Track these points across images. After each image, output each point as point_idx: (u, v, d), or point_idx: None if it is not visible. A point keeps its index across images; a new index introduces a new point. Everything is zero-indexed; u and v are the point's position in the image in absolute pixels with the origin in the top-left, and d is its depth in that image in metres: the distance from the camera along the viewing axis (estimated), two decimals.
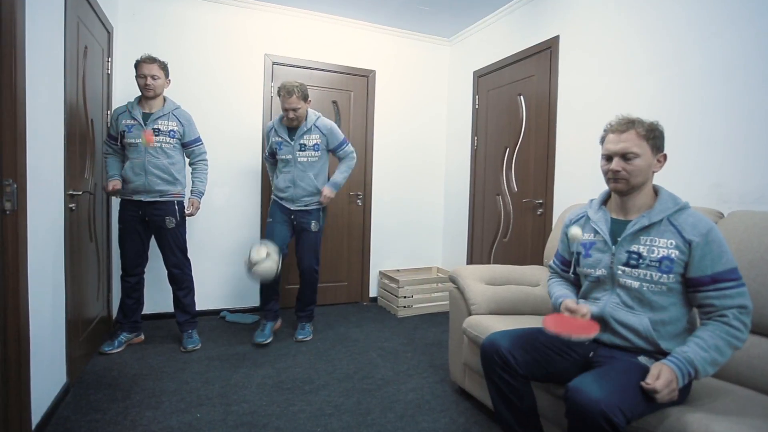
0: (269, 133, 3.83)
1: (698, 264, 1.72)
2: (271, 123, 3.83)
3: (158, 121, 3.45)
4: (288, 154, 3.72)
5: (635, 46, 3.14)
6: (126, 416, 2.62)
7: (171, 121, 3.50)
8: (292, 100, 3.55)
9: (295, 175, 3.73)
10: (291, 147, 3.71)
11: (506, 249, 4.51)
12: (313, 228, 3.81)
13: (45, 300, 2.47)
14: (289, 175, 3.74)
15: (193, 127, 3.65)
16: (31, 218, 2.21)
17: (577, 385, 1.62)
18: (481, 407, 2.83)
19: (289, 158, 3.73)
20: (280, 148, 3.74)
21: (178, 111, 3.57)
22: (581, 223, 2.11)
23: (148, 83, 3.38)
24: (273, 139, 3.78)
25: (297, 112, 3.61)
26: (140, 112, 3.43)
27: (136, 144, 3.39)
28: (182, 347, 3.63)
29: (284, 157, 3.74)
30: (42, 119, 2.42)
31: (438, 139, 5.60)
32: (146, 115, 3.43)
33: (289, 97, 3.55)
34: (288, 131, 3.74)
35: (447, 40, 5.49)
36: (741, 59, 2.50)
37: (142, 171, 3.41)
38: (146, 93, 3.42)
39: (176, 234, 3.57)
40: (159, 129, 3.44)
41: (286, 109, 3.60)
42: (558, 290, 2.18)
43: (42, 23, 2.41)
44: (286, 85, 3.56)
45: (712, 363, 1.64)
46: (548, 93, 3.90)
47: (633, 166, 1.84)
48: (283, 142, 3.72)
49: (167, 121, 3.48)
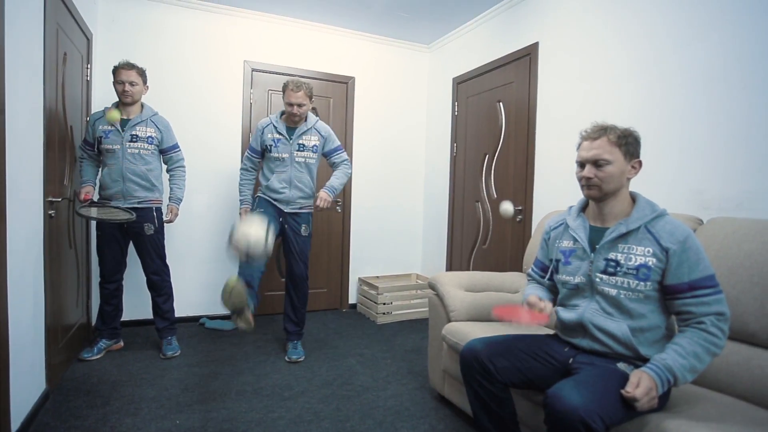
0: (264, 129, 3.64)
1: (675, 271, 1.72)
2: (268, 119, 3.68)
3: (136, 128, 3.42)
4: (285, 152, 3.59)
5: (615, 52, 3.17)
6: (105, 423, 2.60)
7: (149, 128, 3.48)
8: (300, 95, 3.48)
9: (291, 175, 3.61)
10: (288, 146, 3.59)
11: (485, 255, 4.52)
12: (304, 232, 3.69)
13: (24, 306, 2.47)
14: (285, 175, 3.61)
15: (171, 133, 3.62)
16: (10, 225, 2.20)
17: (556, 392, 1.61)
18: (460, 414, 2.82)
19: (285, 157, 3.60)
20: (276, 146, 3.59)
21: (155, 117, 3.54)
22: (560, 231, 2.12)
23: (126, 89, 3.36)
24: (268, 136, 3.61)
25: (302, 108, 3.52)
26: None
27: (114, 150, 3.36)
28: (162, 354, 3.59)
29: (280, 155, 3.60)
30: (21, 126, 2.41)
31: (417, 146, 5.61)
32: (124, 121, 3.40)
33: (297, 91, 3.47)
34: (286, 129, 3.64)
35: (426, 47, 5.51)
36: (721, 65, 2.53)
37: (120, 177, 3.38)
38: (124, 99, 3.39)
39: (155, 240, 3.54)
40: (137, 135, 3.42)
41: (291, 104, 3.49)
42: (529, 290, 2.21)
43: (21, 30, 2.40)
44: (295, 80, 3.50)
45: (690, 370, 1.64)
46: (527, 99, 3.93)
47: (604, 173, 1.85)
48: (282, 139, 3.59)
49: (145, 128, 3.46)
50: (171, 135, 3.62)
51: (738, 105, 2.45)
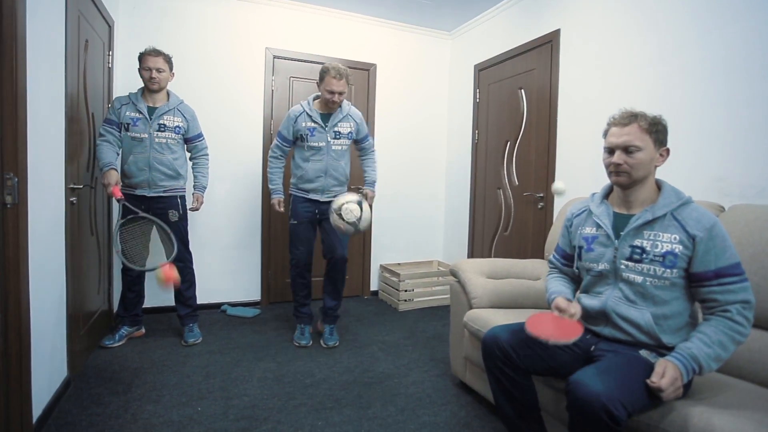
0: (297, 118, 3.53)
1: (702, 259, 1.71)
2: (300, 107, 3.57)
3: (164, 117, 3.44)
4: (321, 141, 3.53)
5: (636, 39, 3.13)
6: (127, 410, 2.61)
7: (176, 117, 3.50)
8: (342, 83, 3.41)
9: (327, 163, 3.56)
10: (325, 133, 3.53)
11: (507, 243, 4.51)
12: None
13: (46, 294, 2.47)
14: (321, 164, 3.55)
15: (197, 122, 3.65)
16: (32, 212, 2.20)
17: (579, 379, 1.61)
18: (481, 401, 2.84)
19: (322, 146, 3.53)
20: (312, 134, 3.51)
21: (182, 106, 3.56)
22: (583, 218, 2.11)
23: (153, 76, 3.35)
24: (303, 125, 3.51)
25: (342, 96, 3.47)
26: (145, 106, 3.40)
27: (141, 139, 3.38)
28: (183, 341, 3.63)
29: (316, 144, 3.53)
30: (43, 113, 2.42)
31: (439, 133, 5.59)
32: (151, 109, 3.42)
33: (340, 80, 3.39)
34: (321, 117, 3.56)
35: (448, 34, 5.47)
36: (742, 53, 2.49)
37: (147, 167, 3.40)
38: (151, 86, 3.38)
39: (179, 227, 3.55)
40: (165, 125, 3.44)
41: (332, 92, 3.41)
42: (553, 286, 2.17)
43: (43, 17, 2.40)
44: (337, 68, 3.40)
45: (715, 359, 1.64)
46: (549, 87, 3.89)
47: (635, 159, 1.83)
48: (317, 128, 3.52)
49: (173, 117, 3.48)
50: (196, 124, 3.64)
51: (758, 93, 2.42)
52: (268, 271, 4.83)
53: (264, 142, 4.69)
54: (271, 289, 4.87)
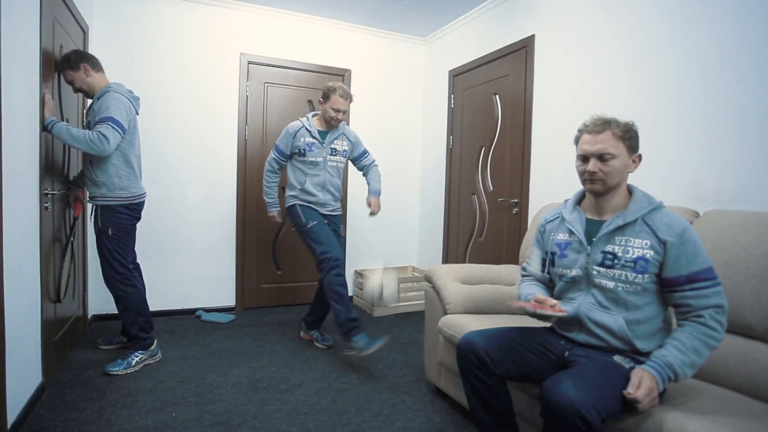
0: (296, 133, 3.58)
1: (673, 264, 1.72)
2: (299, 123, 3.62)
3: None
4: (319, 156, 3.59)
5: (611, 45, 3.16)
6: (101, 415, 2.60)
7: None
8: (347, 103, 3.54)
9: (325, 179, 3.64)
10: (322, 149, 3.60)
11: (482, 248, 4.52)
12: (341, 233, 3.82)
13: (20, 299, 2.46)
14: (319, 179, 3.62)
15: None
16: (6, 217, 2.20)
17: (552, 384, 1.60)
18: (456, 406, 2.82)
19: (320, 161, 3.61)
20: (311, 150, 3.57)
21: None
22: (556, 224, 2.10)
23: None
24: (303, 140, 3.57)
25: (345, 115, 3.59)
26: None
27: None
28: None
29: (315, 159, 3.59)
30: (17, 118, 2.41)
31: (413, 138, 5.59)
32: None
33: (345, 100, 3.51)
34: (319, 133, 3.63)
35: (423, 39, 5.48)
36: (716, 58, 2.52)
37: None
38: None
39: (97, 242, 3.14)
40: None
41: (338, 110, 3.51)
42: (527, 289, 2.15)
43: (17, 21, 2.39)
44: (344, 88, 3.52)
45: (691, 365, 1.64)
46: (524, 92, 3.92)
47: (610, 167, 1.82)
48: (316, 143, 3.58)
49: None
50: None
51: (733, 98, 2.45)
52: (243, 277, 4.78)
53: (239, 147, 4.66)
54: (246, 294, 4.82)
